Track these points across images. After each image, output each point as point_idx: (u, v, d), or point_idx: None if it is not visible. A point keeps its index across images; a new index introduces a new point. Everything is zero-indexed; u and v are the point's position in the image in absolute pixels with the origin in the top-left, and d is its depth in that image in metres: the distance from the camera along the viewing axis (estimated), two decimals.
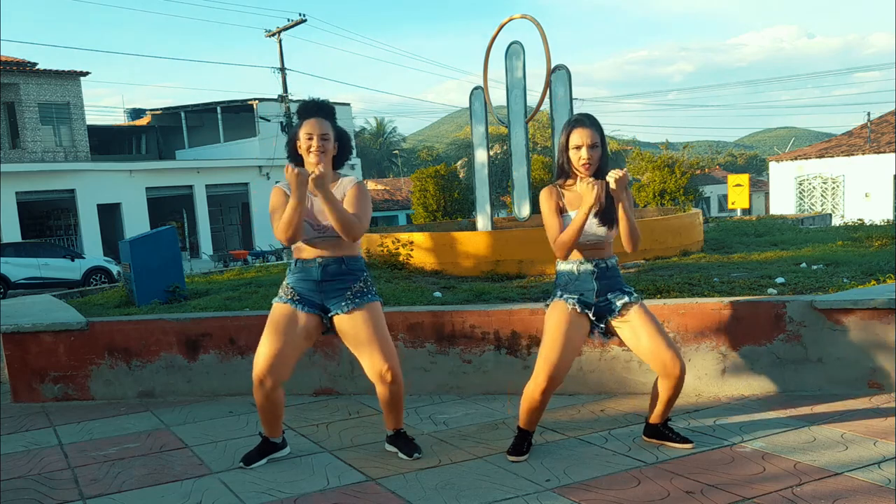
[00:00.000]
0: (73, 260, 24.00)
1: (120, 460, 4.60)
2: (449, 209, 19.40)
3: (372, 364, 4.14)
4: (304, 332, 4.16)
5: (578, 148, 4.03)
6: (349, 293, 4.15)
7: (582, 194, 4.03)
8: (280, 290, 4.26)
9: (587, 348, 5.28)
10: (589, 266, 4.13)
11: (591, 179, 3.98)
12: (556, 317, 4.13)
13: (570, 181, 4.20)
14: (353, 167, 40.97)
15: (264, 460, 4.34)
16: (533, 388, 4.13)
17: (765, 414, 4.69)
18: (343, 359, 5.70)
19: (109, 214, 32.49)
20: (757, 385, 5.12)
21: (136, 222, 32.06)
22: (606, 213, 4.08)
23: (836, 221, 20.17)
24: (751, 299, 5.26)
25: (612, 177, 3.97)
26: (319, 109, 4.19)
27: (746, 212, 30.16)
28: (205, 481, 4.16)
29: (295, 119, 4.27)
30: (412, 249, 8.41)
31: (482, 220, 9.98)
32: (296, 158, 4.21)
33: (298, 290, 4.19)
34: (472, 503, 3.64)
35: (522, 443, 4.28)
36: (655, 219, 9.64)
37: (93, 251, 29.93)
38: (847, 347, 4.97)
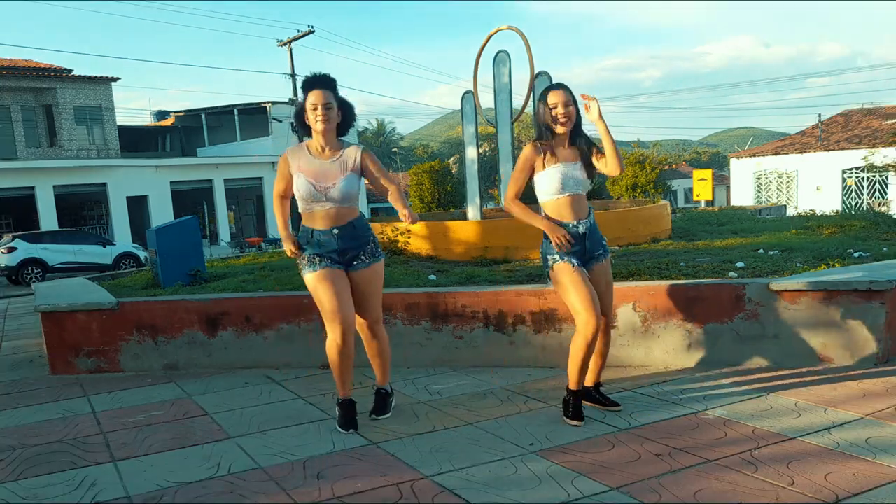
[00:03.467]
0: (104, 246, 23.87)
1: (147, 426, 4.59)
2: (443, 201, 19.36)
3: (360, 317, 4.34)
4: (344, 282, 4.19)
5: (555, 106, 4.11)
6: (364, 254, 4.24)
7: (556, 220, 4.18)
8: (307, 262, 4.21)
9: (567, 325, 5.27)
10: (580, 229, 4.15)
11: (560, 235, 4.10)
12: (567, 275, 4.08)
13: (549, 139, 4.21)
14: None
15: (357, 428, 4.23)
16: (583, 334, 4.00)
17: (726, 384, 4.69)
18: None
19: (137, 205, 32.38)
20: (719, 358, 5.11)
21: (161, 212, 31.98)
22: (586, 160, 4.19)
23: (791, 212, 20.17)
24: (714, 281, 5.25)
25: (590, 107, 4.12)
26: (322, 81, 4.17)
27: (710, 203, 30.17)
28: (223, 445, 4.15)
29: (300, 95, 4.25)
30: (409, 237, 8.38)
31: (472, 211, 9.95)
32: (304, 128, 4.23)
33: (324, 254, 4.19)
34: (464, 465, 3.63)
35: (580, 404, 4.20)
36: (628, 210, 9.61)
37: (122, 238, 29.81)
38: (800, 325, 4.97)
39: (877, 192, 30.76)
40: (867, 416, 3.95)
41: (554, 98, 4.12)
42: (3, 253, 22.12)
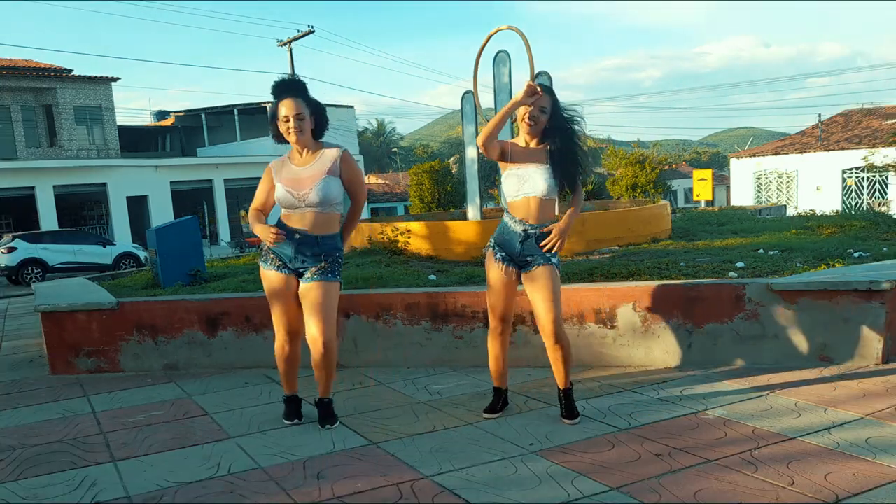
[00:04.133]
0: (104, 246, 23.87)
1: (147, 426, 4.59)
2: (442, 201, 19.38)
3: (309, 331, 4.20)
4: (293, 291, 4.24)
5: (531, 106, 4.08)
6: (316, 269, 4.17)
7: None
8: (263, 254, 4.30)
9: (567, 325, 5.27)
10: (519, 228, 4.14)
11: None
12: (489, 267, 4.26)
13: (519, 137, 4.23)
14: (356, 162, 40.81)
15: (301, 419, 4.43)
16: (489, 334, 4.33)
17: (726, 384, 4.69)
18: (347, 335, 5.69)
19: (137, 205, 32.36)
20: (719, 359, 5.11)
21: (161, 212, 31.96)
22: (559, 168, 4.10)
23: (791, 212, 20.17)
24: (714, 282, 5.25)
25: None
26: (292, 89, 4.14)
27: (710, 203, 30.17)
28: (223, 445, 4.15)
29: (273, 99, 4.22)
30: (409, 237, 8.38)
31: (472, 211, 9.94)
32: (278, 136, 4.23)
33: (278, 255, 4.23)
34: (464, 465, 3.63)
35: (497, 401, 4.43)
36: (628, 209, 9.61)
37: (122, 238, 29.78)
38: (800, 325, 4.97)
39: (877, 192, 30.75)
40: (867, 416, 3.95)
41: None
42: (3, 253, 22.12)
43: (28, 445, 4.33)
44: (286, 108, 4.09)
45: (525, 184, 4.10)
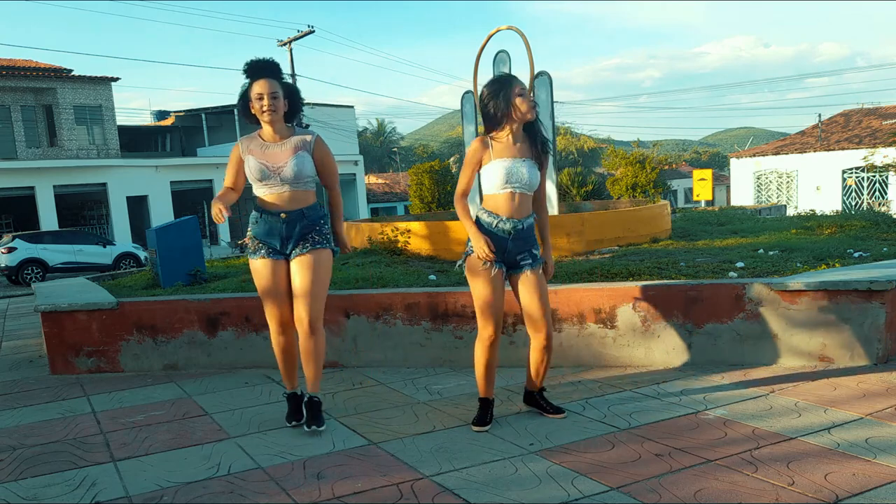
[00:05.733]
0: (104, 246, 23.87)
1: (147, 426, 4.59)
2: (442, 200, 19.38)
3: (296, 310, 4.15)
4: (284, 277, 4.18)
5: (521, 93, 3.95)
6: (306, 242, 4.15)
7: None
8: (250, 244, 4.23)
9: (567, 325, 5.27)
10: (507, 226, 4.02)
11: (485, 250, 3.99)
12: (475, 270, 4.04)
13: (500, 131, 4.04)
14: (356, 163, 40.83)
15: (302, 418, 4.25)
16: (479, 340, 4.10)
17: (726, 384, 4.69)
18: (347, 335, 5.69)
19: (137, 205, 32.40)
20: (719, 359, 5.11)
21: (161, 212, 32.02)
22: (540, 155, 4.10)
23: (790, 212, 20.17)
24: (714, 281, 5.25)
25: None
26: (267, 69, 4.11)
27: (710, 203, 30.15)
28: (223, 445, 4.14)
29: (244, 79, 4.15)
30: (409, 237, 8.37)
31: (472, 211, 9.90)
32: (249, 116, 4.19)
33: (266, 241, 4.18)
34: (464, 465, 3.63)
35: (484, 412, 4.19)
36: (628, 209, 9.60)
37: (122, 238, 29.84)
38: (800, 325, 4.97)
39: (877, 192, 30.77)
40: (867, 416, 3.95)
41: (522, 87, 3.97)
42: (3, 253, 22.12)
43: (28, 445, 4.33)
44: (260, 86, 4.05)
45: (512, 177, 3.99)
